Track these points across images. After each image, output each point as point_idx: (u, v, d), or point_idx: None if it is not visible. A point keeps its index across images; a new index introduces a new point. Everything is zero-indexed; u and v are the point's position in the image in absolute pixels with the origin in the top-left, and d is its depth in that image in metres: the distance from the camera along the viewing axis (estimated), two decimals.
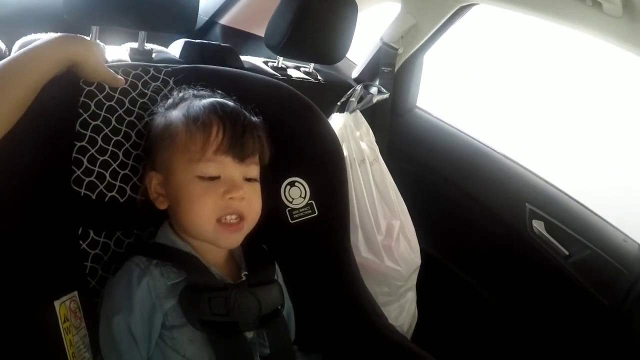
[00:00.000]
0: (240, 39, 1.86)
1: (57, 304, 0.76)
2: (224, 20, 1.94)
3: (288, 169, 1.03)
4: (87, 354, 0.80)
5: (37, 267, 0.77)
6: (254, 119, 0.88)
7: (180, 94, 0.91)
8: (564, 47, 2.06)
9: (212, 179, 0.82)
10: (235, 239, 0.86)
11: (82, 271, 0.83)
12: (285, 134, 0.99)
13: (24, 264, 0.76)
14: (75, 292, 0.80)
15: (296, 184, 1.03)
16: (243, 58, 1.45)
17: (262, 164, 0.90)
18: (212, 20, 1.97)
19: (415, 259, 1.42)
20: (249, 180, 0.86)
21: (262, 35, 1.46)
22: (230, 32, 1.92)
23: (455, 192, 1.67)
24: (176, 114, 0.86)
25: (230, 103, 0.88)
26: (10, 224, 0.77)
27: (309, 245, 1.04)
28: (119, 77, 0.90)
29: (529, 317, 1.54)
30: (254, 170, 0.87)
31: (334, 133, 1.09)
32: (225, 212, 0.82)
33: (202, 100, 0.87)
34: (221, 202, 0.81)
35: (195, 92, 0.91)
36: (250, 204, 0.85)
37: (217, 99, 0.88)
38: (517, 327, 1.55)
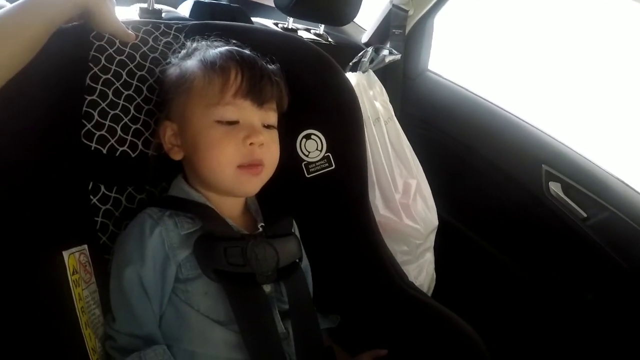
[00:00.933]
0: (247, 9, 1.84)
1: (65, 254, 0.73)
2: None
3: (303, 121, 1.00)
4: (97, 310, 0.77)
5: (46, 218, 0.75)
6: (271, 66, 0.86)
7: (194, 45, 0.89)
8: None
9: (231, 123, 0.80)
10: (254, 185, 0.83)
11: (93, 226, 0.82)
12: (300, 85, 0.95)
13: (32, 216, 0.74)
14: (85, 246, 0.78)
15: (312, 136, 1.01)
16: (253, 19, 1.43)
17: (280, 111, 0.88)
18: None
19: (433, 219, 1.40)
20: (267, 127, 0.84)
21: (270, 4, 1.43)
22: (238, 3, 1.89)
23: (469, 155, 1.63)
24: (191, 62, 0.84)
25: (247, 51, 0.85)
26: (19, 175, 0.75)
27: (326, 200, 1.01)
28: (130, 32, 0.87)
29: (547, 281, 1.51)
30: (272, 117, 0.85)
31: (350, 85, 1.06)
32: (246, 160, 0.80)
33: (217, 48, 0.85)
34: (243, 150, 0.79)
35: (208, 42, 0.89)
36: (270, 151, 0.83)
37: (233, 47, 0.85)
38: (536, 292, 1.53)
